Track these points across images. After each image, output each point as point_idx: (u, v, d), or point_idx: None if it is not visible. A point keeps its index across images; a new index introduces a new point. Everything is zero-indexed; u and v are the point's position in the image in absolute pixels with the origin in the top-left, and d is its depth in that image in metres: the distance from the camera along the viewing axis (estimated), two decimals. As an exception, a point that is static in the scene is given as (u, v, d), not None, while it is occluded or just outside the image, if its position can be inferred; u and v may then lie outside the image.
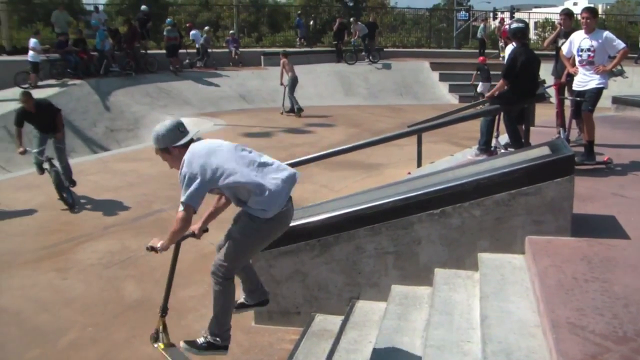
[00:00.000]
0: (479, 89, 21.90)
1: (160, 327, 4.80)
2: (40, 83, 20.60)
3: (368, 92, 24.54)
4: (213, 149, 4.26)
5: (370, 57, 26.71)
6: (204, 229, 4.80)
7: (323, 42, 32.16)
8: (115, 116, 20.23)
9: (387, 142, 10.54)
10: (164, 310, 4.80)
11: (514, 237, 5.13)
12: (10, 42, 25.85)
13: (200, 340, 4.53)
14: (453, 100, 23.52)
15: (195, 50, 25.96)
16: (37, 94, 17.26)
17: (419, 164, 10.75)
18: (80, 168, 13.05)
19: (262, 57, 26.47)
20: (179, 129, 4.31)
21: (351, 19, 28.00)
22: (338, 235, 5.54)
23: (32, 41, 20.89)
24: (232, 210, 4.63)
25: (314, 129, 17.52)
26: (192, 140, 4.34)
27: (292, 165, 8.73)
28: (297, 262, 5.70)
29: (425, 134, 10.63)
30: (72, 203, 10.16)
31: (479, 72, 21.95)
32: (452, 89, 24.25)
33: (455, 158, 10.90)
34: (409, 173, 10.40)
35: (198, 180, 4.08)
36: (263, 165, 4.35)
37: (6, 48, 25.17)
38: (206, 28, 27.80)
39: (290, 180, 4.37)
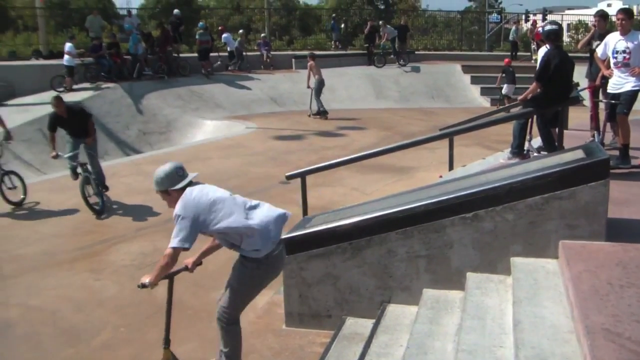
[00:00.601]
0: (503, 91, 21.88)
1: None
2: (75, 86, 20.90)
3: (399, 95, 24.48)
4: (207, 194, 4.53)
5: (400, 61, 26.65)
6: (197, 263, 5.00)
7: (354, 45, 32.11)
8: (148, 119, 20.41)
9: (418, 146, 10.51)
10: (167, 342, 4.89)
11: (548, 242, 5.07)
12: (47, 46, 26.23)
13: None
14: (485, 103, 23.37)
15: (226, 54, 26.09)
16: (72, 97, 17.57)
17: (451, 167, 10.69)
18: (113, 170, 13.21)
19: (293, 60, 26.52)
20: (177, 173, 4.60)
21: (380, 22, 27.93)
22: (370, 238, 5.52)
23: (68, 45, 21.17)
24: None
25: (345, 132, 17.53)
26: (190, 183, 4.61)
27: (323, 168, 8.80)
28: (329, 265, 5.69)
29: (457, 137, 10.56)
30: (101, 210, 10.15)
31: (504, 75, 21.88)
32: (484, 92, 24.07)
33: (487, 161, 10.84)
34: (441, 176, 10.37)
35: (190, 223, 4.35)
36: (254, 208, 4.68)
37: (43, 52, 25.55)
38: (240, 31, 27.89)
39: (281, 220, 4.69)
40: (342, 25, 30.70)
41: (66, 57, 20.97)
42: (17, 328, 6.32)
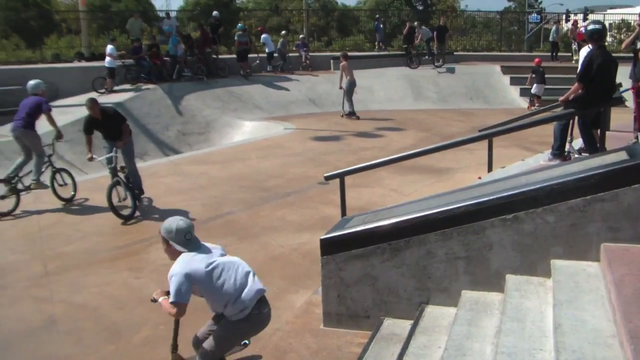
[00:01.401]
0: (533, 91, 21.80)
1: None
2: (115, 88, 21.23)
3: (438, 96, 24.37)
4: (205, 263, 4.65)
5: (436, 62, 26.50)
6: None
7: (393, 46, 32.03)
8: (187, 120, 20.62)
9: (457, 147, 10.46)
10: (175, 348, 5.07)
11: (589, 244, 5.00)
12: (88, 49, 26.66)
13: None
14: (524, 104, 23.12)
15: (265, 55, 26.21)
16: (112, 98, 17.80)
17: (490, 169, 10.62)
18: (152, 170, 13.39)
19: (331, 61, 26.53)
20: (185, 236, 4.70)
21: (415, 23, 27.82)
22: (409, 239, 5.49)
23: (109, 48, 21.52)
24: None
25: (384, 133, 17.51)
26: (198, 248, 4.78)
27: (362, 169, 8.80)
28: (367, 265, 5.68)
29: (496, 139, 10.48)
30: (129, 215, 10.03)
31: (534, 75, 21.74)
32: (523, 93, 23.80)
33: (526, 163, 10.74)
34: (480, 178, 10.30)
35: (185, 285, 4.52)
36: (244, 278, 4.78)
37: (85, 55, 25.98)
38: (283, 32, 27.94)
39: (259, 293, 4.81)
40: (381, 26, 30.61)
41: (107, 59, 21.31)
42: (60, 324, 6.43)
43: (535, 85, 21.79)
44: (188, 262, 4.61)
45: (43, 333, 6.12)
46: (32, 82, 11.58)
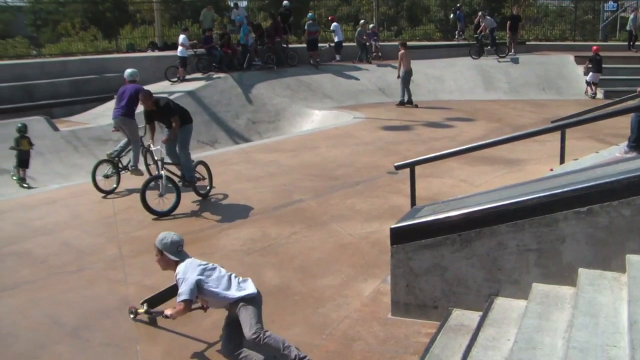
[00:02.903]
0: (588, 79, 21.38)
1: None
2: (187, 77, 21.64)
3: (509, 86, 23.96)
4: (203, 268, 5.30)
5: (505, 53, 25.96)
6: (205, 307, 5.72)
7: (464, 36, 31.61)
8: (257, 108, 20.85)
9: (528, 138, 10.30)
10: (149, 303, 6.08)
11: (667, 239, 4.89)
12: (161, 39, 27.22)
13: None
14: (598, 95, 22.54)
15: (333, 44, 26.25)
16: (184, 87, 18.15)
17: (562, 161, 10.43)
18: (223, 158, 13.61)
19: (401, 50, 26.40)
20: (177, 248, 5.40)
21: (479, 13, 27.36)
22: (480, 230, 5.45)
23: (181, 37, 21.96)
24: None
25: (454, 123, 17.36)
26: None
27: (432, 159, 8.76)
28: (437, 255, 5.66)
29: (569, 130, 10.28)
30: (166, 211, 9.75)
31: (590, 63, 21.33)
32: (598, 84, 23.20)
33: (601, 155, 10.49)
34: (551, 170, 10.14)
35: (193, 286, 5.10)
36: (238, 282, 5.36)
37: (158, 44, 26.53)
38: (362, 22, 27.87)
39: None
40: (451, 16, 30.25)
41: (180, 48, 21.76)
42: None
43: (591, 74, 21.47)
44: (193, 267, 5.23)
45: (118, 313, 6.31)
46: (129, 70, 12.07)
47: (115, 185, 11.12)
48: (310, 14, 26.76)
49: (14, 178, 14.31)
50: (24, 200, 11.02)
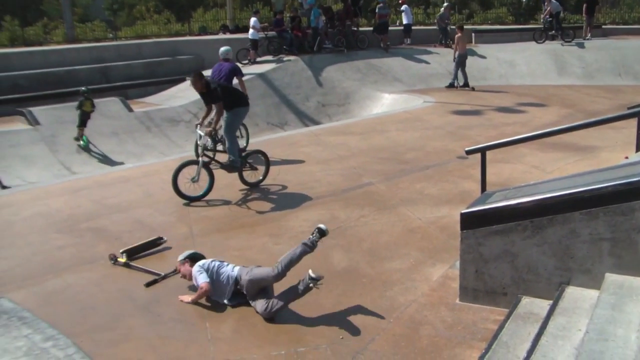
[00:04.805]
0: None
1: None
2: (258, 59, 21.84)
3: (583, 71, 23.30)
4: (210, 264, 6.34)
5: (566, 38, 25.06)
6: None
7: (536, 20, 30.93)
8: (327, 91, 20.90)
9: (603, 124, 10.03)
10: (128, 253, 7.31)
11: None
12: (233, 21, 27.52)
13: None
14: (679, 80, 21.80)
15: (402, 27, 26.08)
16: (255, 69, 18.32)
17: (638, 149, 10.14)
18: (293, 140, 13.73)
19: (473, 34, 26.05)
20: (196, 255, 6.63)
21: None
22: (552, 217, 5.35)
23: (252, 20, 22.14)
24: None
25: (525, 109, 17.05)
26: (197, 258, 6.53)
27: (504, 144, 8.61)
28: (507, 242, 5.59)
29: (647, 117, 9.99)
30: (198, 196, 9.67)
31: None
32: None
33: (680, 143, 10.16)
34: (627, 157, 9.87)
35: (204, 273, 6.16)
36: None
37: (230, 27, 26.84)
38: (445, 4, 27.58)
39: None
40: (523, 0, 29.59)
41: (251, 31, 21.96)
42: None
43: None
44: (203, 263, 6.29)
45: (188, 291, 6.43)
46: (223, 48, 12.66)
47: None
48: (381, -4, 26.62)
49: (76, 140, 15.37)
50: (100, 179, 11.32)
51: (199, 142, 10.10)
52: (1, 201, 10.08)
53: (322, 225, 6.11)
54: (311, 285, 5.78)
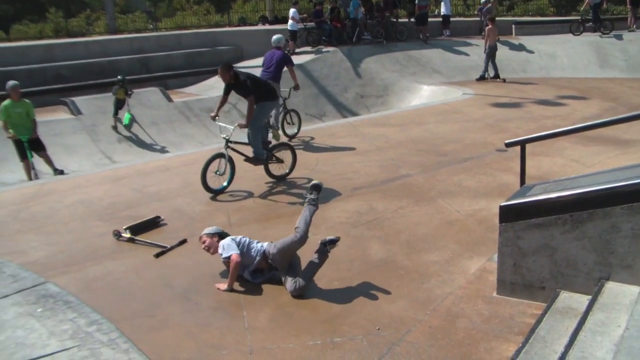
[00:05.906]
0: None
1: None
2: (297, 50, 21.89)
3: (626, 64, 22.86)
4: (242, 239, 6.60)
5: (602, 29, 24.59)
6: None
7: (578, 12, 30.47)
8: (366, 83, 20.88)
9: (646, 118, 9.89)
10: (132, 230, 7.80)
11: None
12: (272, 12, 27.63)
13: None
14: None
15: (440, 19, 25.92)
16: (294, 60, 18.36)
17: (683, 143, 9.99)
18: (331, 131, 13.77)
19: (513, 26, 25.78)
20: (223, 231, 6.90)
21: None
22: (592, 211, 5.29)
23: (292, 11, 22.23)
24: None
25: (566, 101, 16.83)
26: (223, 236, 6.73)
27: (544, 137, 8.51)
28: (547, 235, 5.54)
29: (693, 111, 9.81)
30: (220, 189, 9.64)
31: None
32: None
33: None
34: (671, 151, 9.72)
35: (233, 245, 6.39)
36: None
37: (269, 18, 26.96)
38: None
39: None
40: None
41: (290, 22, 22.05)
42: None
43: None
44: (234, 237, 6.53)
45: (226, 279, 6.49)
46: (276, 37, 13.02)
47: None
48: (421, -13, 26.46)
49: (114, 129, 15.95)
50: (140, 168, 11.49)
51: (222, 135, 9.83)
52: (45, 189, 10.29)
53: (316, 181, 6.78)
54: (328, 248, 6.38)
